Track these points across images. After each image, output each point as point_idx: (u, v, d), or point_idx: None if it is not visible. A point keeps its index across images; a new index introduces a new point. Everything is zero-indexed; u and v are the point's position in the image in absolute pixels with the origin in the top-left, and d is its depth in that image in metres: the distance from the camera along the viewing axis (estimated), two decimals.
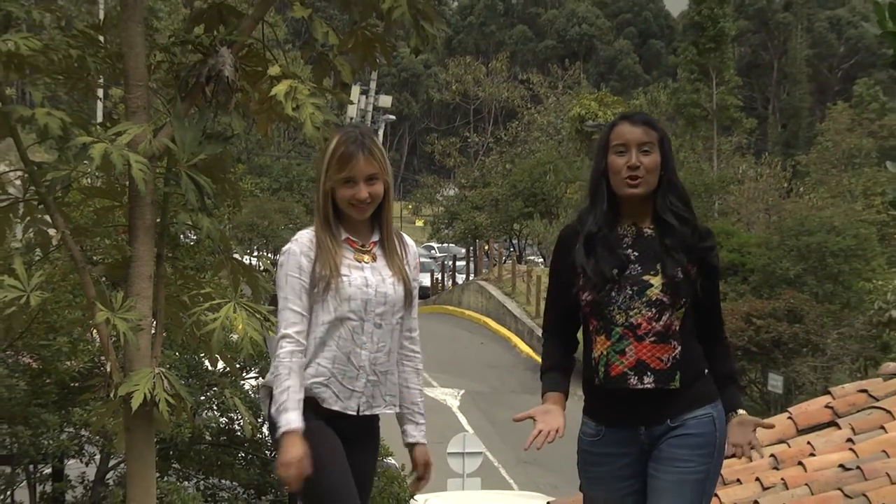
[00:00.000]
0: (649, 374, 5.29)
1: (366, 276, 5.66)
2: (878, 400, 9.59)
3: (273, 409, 5.61)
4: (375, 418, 5.82)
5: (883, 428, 9.17)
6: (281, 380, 5.55)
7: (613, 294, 5.33)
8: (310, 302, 5.63)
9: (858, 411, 9.51)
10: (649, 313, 5.30)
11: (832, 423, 9.35)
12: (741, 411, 5.47)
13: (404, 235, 5.95)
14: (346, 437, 5.67)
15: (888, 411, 9.38)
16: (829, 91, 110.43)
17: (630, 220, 5.44)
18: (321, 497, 5.59)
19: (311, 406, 5.58)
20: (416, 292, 5.88)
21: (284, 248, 5.73)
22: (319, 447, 5.51)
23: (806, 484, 8.35)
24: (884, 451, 8.74)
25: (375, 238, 5.78)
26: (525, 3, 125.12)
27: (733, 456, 5.53)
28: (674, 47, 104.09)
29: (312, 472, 5.45)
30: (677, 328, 5.33)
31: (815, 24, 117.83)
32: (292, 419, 5.46)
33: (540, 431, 5.24)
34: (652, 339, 5.30)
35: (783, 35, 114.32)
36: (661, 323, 5.30)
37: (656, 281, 5.31)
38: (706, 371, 5.45)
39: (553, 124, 77.21)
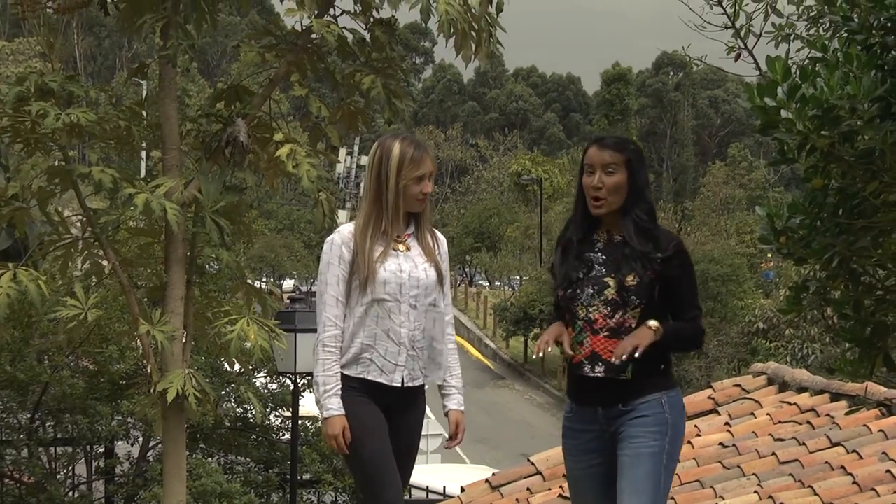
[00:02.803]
0: (600, 364, 4.97)
1: (399, 262, 5.36)
2: (748, 392, 9.61)
3: (321, 390, 5.33)
4: (418, 389, 5.52)
5: (753, 414, 9.19)
6: (328, 364, 5.31)
7: (578, 292, 5.04)
8: (347, 288, 5.34)
9: (734, 401, 9.52)
10: (605, 311, 4.98)
11: (714, 411, 9.35)
12: (652, 323, 4.92)
13: (436, 230, 5.64)
14: (391, 407, 5.39)
15: (756, 401, 9.40)
16: (709, 153, 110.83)
17: (605, 227, 5.11)
18: (363, 465, 5.37)
19: (358, 381, 5.32)
20: (447, 279, 5.59)
21: (328, 239, 5.46)
22: (362, 422, 5.28)
23: (693, 458, 8.35)
24: (753, 432, 8.75)
25: (410, 230, 5.47)
26: (474, 84, 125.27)
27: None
28: (590, 119, 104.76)
29: (356, 442, 5.26)
30: (632, 325, 4.95)
31: (699, 101, 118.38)
32: (335, 405, 5.25)
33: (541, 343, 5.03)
34: (605, 333, 4.97)
35: (674, 109, 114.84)
36: (615, 320, 4.97)
37: (613, 283, 4.99)
38: (663, 367, 5.08)
39: (496, 178, 77.38)
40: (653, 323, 4.93)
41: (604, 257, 5.08)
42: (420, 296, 5.38)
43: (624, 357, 4.84)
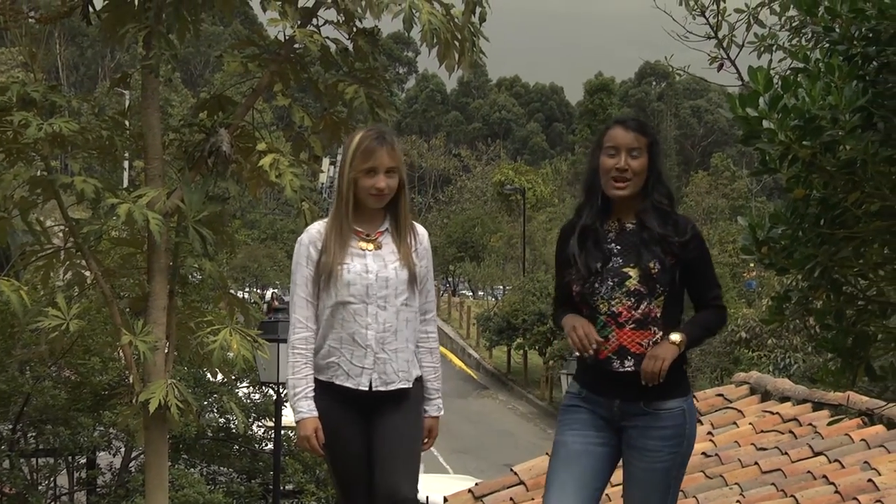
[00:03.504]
0: (630, 357, 4.77)
1: (366, 262, 5.10)
2: (731, 402, 9.63)
3: (291, 393, 5.18)
4: (396, 394, 5.16)
5: (735, 424, 9.21)
6: (298, 367, 5.11)
7: (597, 285, 4.81)
8: (316, 289, 5.13)
9: (716, 410, 9.54)
10: (629, 302, 4.78)
11: (696, 420, 9.36)
12: (675, 337, 4.78)
13: (417, 226, 5.37)
14: (368, 411, 5.15)
15: (739, 411, 9.42)
16: (692, 162, 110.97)
17: (616, 216, 4.92)
18: (334, 475, 5.33)
19: (326, 387, 5.12)
20: (428, 276, 5.33)
21: (298, 238, 5.26)
22: (329, 434, 5.10)
23: None
24: (736, 441, 8.77)
25: (384, 227, 5.20)
26: (457, 94, 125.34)
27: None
28: (572, 129, 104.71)
29: (327, 451, 5.14)
30: (658, 315, 4.80)
31: (681, 111, 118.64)
32: (305, 408, 5.07)
33: (582, 336, 4.77)
34: (632, 325, 4.78)
35: (657, 119, 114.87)
36: (640, 311, 4.79)
37: (634, 273, 4.79)
38: (683, 365, 4.93)
39: (480, 188, 77.30)
40: (675, 336, 4.79)
41: (618, 247, 4.89)
42: (389, 296, 5.12)
43: (656, 382, 4.73)
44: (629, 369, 4.80)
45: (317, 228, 5.22)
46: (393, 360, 5.14)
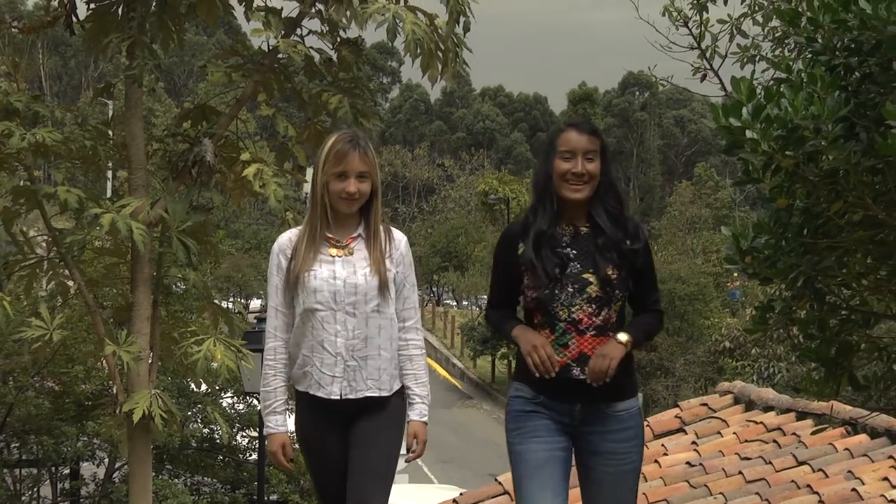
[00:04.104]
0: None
1: (334, 269, 4.98)
2: (715, 411, 9.63)
3: (261, 406, 5.17)
4: (369, 402, 5.05)
5: (719, 433, 9.21)
6: (268, 379, 5.12)
7: (556, 292, 4.71)
8: (288, 297, 5.06)
9: (700, 420, 9.55)
10: (590, 309, 4.69)
11: (680, 430, 9.37)
12: (622, 337, 4.70)
13: (395, 231, 5.20)
14: (345, 420, 5.05)
15: (723, 420, 9.42)
16: (675, 172, 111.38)
17: (568, 220, 4.82)
18: (316, 488, 5.30)
19: (305, 397, 5.07)
20: (406, 282, 5.16)
21: (273, 246, 5.17)
22: (309, 445, 5.12)
23: (660, 477, 8.36)
24: (720, 451, 8.77)
25: (357, 233, 5.07)
26: (441, 103, 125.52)
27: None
28: None
29: (308, 464, 5.17)
30: (614, 321, 4.74)
31: (664, 121, 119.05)
32: (272, 423, 5.09)
33: (544, 359, 4.65)
34: (592, 332, 4.68)
35: (640, 129, 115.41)
36: (601, 318, 4.69)
37: (594, 279, 4.70)
38: (631, 364, 4.82)
39: (463, 198, 77.44)
40: (622, 336, 4.70)
41: (574, 251, 4.79)
42: (359, 303, 4.99)
43: (603, 381, 4.63)
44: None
45: (287, 237, 5.14)
46: (363, 368, 5.02)
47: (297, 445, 5.29)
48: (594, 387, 4.69)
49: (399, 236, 5.22)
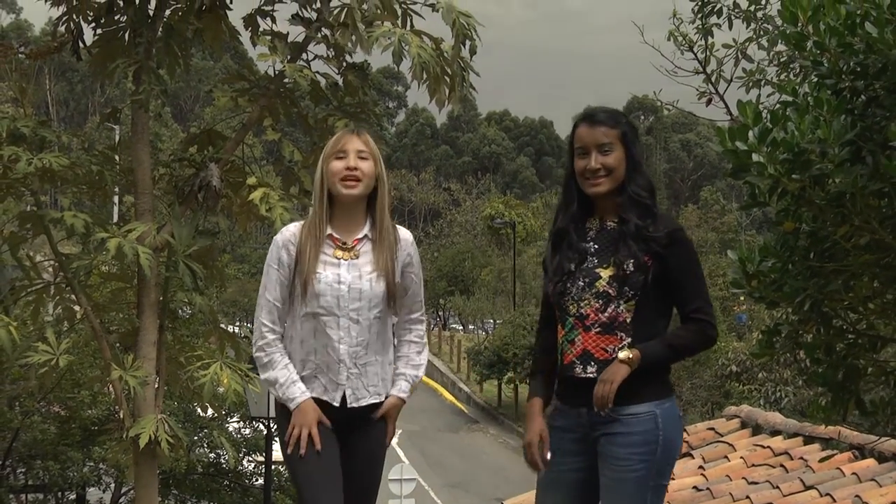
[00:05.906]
0: (593, 363, 4.46)
1: (340, 273, 4.81)
2: (722, 436, 9.61)
3: (276, 386, 4.86)
4: (367, 410, 4.92)
5: (726, 458, 9.19)
6: (276, 361, 4.83)
7: (568, 285, 4.52)
8: (285, 293, 4.86)
9: (707, 444, 9.52)
10: (596, 304, 4.46)
11: (687, 454, 9.35)
12: (622, 355, 4.41)
13: (401, 230, 5.01)
14: (342, 425, 4.86)
15: (730, 444, 9.40)
16: (681, 196, 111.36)
17: (599, 214, 4.60)
18: (299, 485, 4.84)
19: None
20: (415, 279, 5.02)
21: (274, 238, 5.00)
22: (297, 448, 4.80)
23: (668, 502, 8.33)
24: (727, 475, 8.75)
25: (362, 234, 4.89)
26: (447, 128, 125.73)
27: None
28: (562, 163, 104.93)
29: (291, 459, 4.78)
30: (627, 320, 4.45)
31: (670, 145, 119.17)
32: (299, 391, 4.79)
33: (535, 460, 4.54)
34: (597, 329, 4.46)
35: (646, 153, 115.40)
36: (607, 314, 4.45)
37: (605, 273, 4.47)
38: (649, 371, 4.45)
39: (469, 222, 77.41)
40: (622, 354, 4.41)
41: (595, 246, 4.59)
42: (362, 309, 4.83)
43: (607, 409, 4.39)
44: (591, 375, 4.48)
45: (291, 231, 4.95)
46: (364, 376, 4.89)
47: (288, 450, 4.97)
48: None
49: (405, 235, 5.04)
